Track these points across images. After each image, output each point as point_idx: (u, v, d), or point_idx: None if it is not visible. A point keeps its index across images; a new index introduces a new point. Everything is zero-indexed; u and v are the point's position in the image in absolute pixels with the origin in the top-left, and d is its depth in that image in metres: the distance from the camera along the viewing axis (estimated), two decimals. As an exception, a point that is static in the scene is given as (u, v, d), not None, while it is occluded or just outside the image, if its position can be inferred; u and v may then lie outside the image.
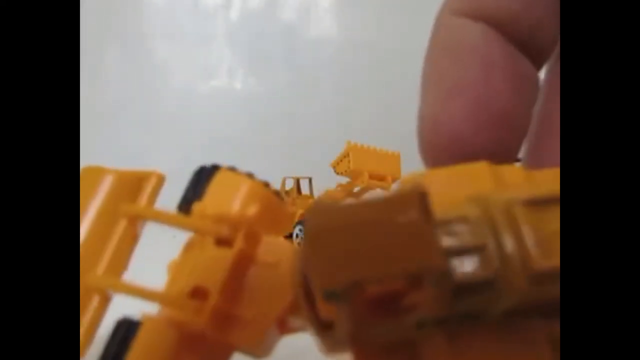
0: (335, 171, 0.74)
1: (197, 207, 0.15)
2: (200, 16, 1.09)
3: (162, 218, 0.15)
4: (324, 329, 0.11)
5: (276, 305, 0.13)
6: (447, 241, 0.10)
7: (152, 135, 1.07)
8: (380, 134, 0.86)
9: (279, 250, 0.15)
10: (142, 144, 1.07)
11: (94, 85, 1.02)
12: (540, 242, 0.10)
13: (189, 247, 0.15)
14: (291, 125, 1.10)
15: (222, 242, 0.14)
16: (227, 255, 0.14)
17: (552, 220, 0.10)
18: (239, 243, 0.14)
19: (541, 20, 0.17)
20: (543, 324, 0.11)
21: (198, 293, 0.13)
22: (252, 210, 0.15)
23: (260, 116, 1.10)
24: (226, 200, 0.15)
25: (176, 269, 0.14)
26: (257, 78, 1.12)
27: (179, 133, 1.07)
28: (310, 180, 0.84)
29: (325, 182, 0.76)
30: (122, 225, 0.15)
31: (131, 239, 0.14)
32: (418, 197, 0.09)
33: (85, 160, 0.16)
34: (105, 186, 0.16)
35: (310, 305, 0.10)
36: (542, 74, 0.17)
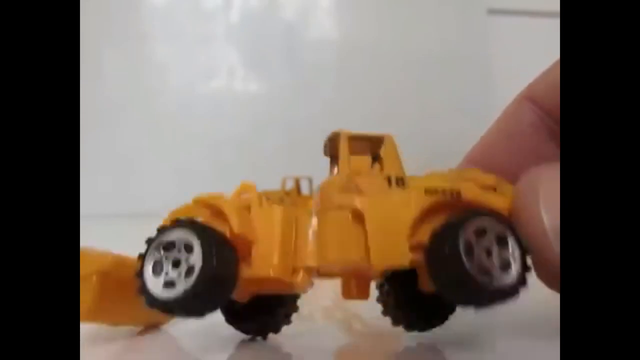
0: (335, 171, 0.74)
1: None
2: (200, 16, 1.09)
3: None
4: None
5: None
6: None
7: (152, 135, 1.07)
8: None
9: None
10: (142, 144, 1.06)
11: (94, 85, 1.02)
12: None
13: None
14: (291, 125, 1.10)
15: None
16: None
17: None
18: None
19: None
20: None
21: None
22: None
23: (260, 116, 1.10)
24: None
25: None
26: (257, 78, 1.12)
27: (179, 133, 1.07)
28: (310, 180, 0.84)
29: (325, 182, 0.76)
30: None
31: None
32: None
33: (85, 160, 0.16)
34: None
35: None
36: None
